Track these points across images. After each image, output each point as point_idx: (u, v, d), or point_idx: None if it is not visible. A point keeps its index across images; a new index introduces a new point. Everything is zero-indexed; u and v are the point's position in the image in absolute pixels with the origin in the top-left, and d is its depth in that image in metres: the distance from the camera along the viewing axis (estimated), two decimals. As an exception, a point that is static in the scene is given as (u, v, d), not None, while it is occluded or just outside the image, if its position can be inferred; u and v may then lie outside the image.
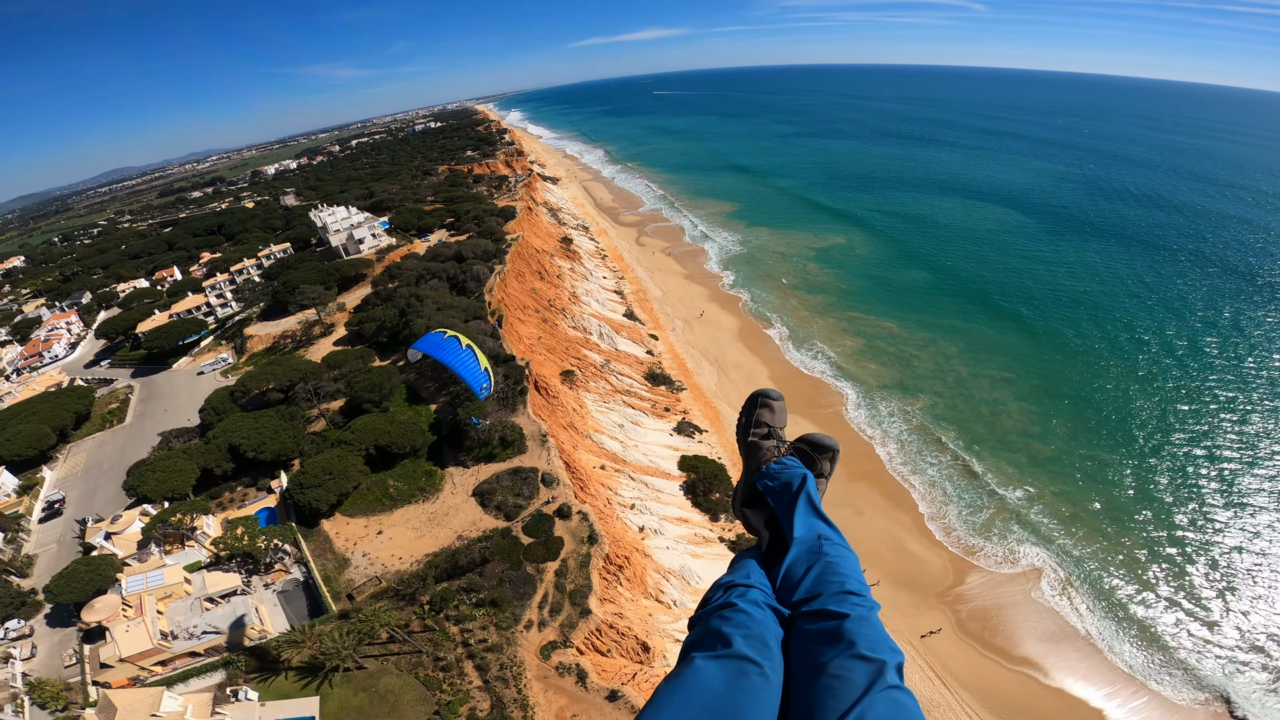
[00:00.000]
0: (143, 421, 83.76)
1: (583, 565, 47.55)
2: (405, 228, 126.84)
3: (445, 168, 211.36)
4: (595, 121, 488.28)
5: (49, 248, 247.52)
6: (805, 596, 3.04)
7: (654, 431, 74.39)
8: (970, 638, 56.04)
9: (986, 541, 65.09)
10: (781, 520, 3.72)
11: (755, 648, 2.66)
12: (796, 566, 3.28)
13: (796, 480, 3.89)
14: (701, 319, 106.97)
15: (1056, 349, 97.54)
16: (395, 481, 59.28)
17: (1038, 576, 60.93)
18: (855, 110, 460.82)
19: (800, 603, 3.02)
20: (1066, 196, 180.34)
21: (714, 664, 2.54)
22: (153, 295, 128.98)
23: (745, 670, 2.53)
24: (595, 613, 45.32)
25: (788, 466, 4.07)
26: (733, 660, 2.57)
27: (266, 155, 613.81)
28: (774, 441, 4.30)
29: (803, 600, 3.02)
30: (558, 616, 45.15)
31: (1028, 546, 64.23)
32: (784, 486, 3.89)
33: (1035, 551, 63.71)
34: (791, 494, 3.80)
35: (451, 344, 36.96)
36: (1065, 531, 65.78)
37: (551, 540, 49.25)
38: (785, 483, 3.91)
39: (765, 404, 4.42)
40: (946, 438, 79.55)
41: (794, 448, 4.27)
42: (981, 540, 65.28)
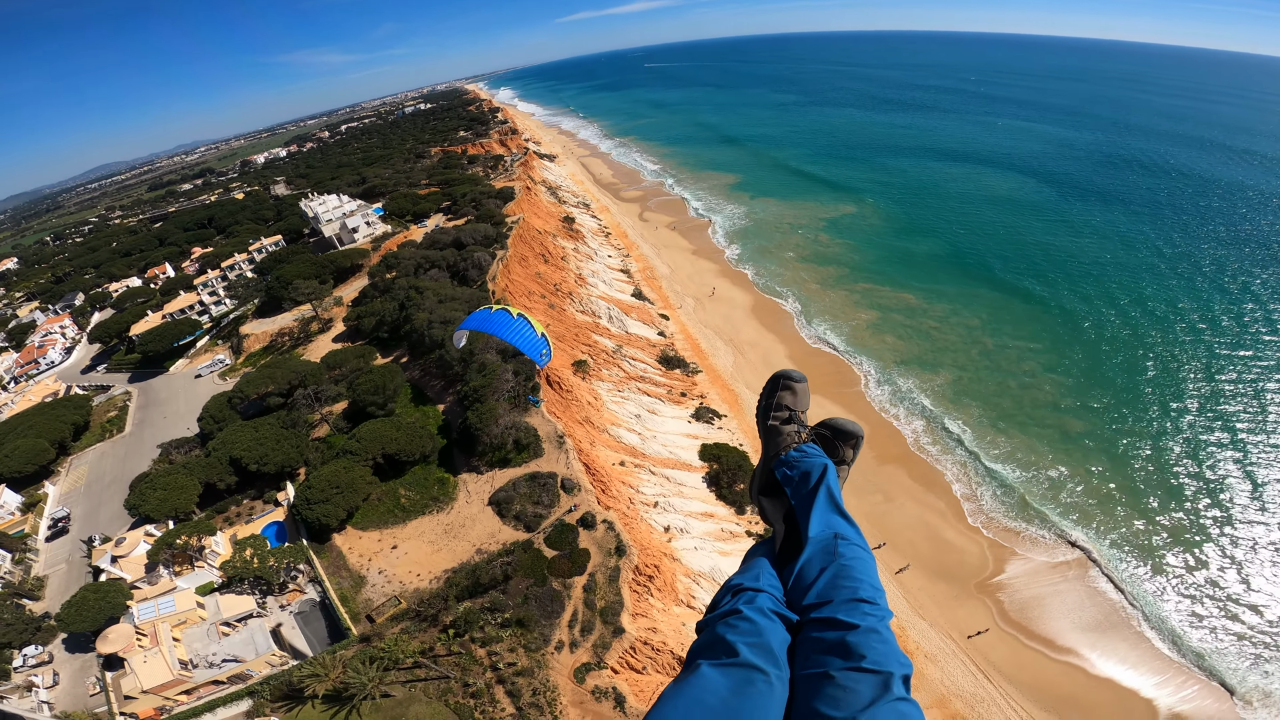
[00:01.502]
0: (142, 430, 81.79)
1: (612, 580, 44.41)
2: (400, 214, 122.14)
3: (438, 149, 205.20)
4: (587, 97, 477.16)
5: (41, 248, 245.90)
6: (816, 601, 2.95)
7: (671, 419, 70.95)
8: (1013, 629, 53.26)
9: (1025, 525, 61.85)
10: (798, 515, 3.54)
11: (761, 656, 2.63)
12: (810, 567, 3.16)
13: (816, 471, 3.70)
14: (713, 297, 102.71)
15: (1085, 317, 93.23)
16: (407, 491, 56.14)
17: (1081, 561, 57.90)
18: (852, 78, 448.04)
19: (810, 607, 2.95)
20: (1076, 162, 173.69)
21: (719, 671, 2.53)
22: (145, 294, 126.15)
23: (751, 678, 2.51)
24: (629, 630, 42.33)
25: (808, 455, 3.87)
26: (738, 668, 2.55)
27: (255, 144, 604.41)
28: (795, 426, 4.09)
29: (813, 605, 2.95)
30: (589, 636, 42.15)
31: (1068, 529, 60.94)
32: (803, 477, 3.71)
33: (1076, 534, 60.44)
34: (810, 486, 3.62)
35: (502, 316, 34.77)
36: (1106, 512, 62.43)
37: (577, 553, 46.07)
38: (804, 472, 3.73)
39: (787, 386, 4.18)
40: (975, 414, 75.80)
41: (815, 433, 4.07)
42: (1019, 524, 62.06)
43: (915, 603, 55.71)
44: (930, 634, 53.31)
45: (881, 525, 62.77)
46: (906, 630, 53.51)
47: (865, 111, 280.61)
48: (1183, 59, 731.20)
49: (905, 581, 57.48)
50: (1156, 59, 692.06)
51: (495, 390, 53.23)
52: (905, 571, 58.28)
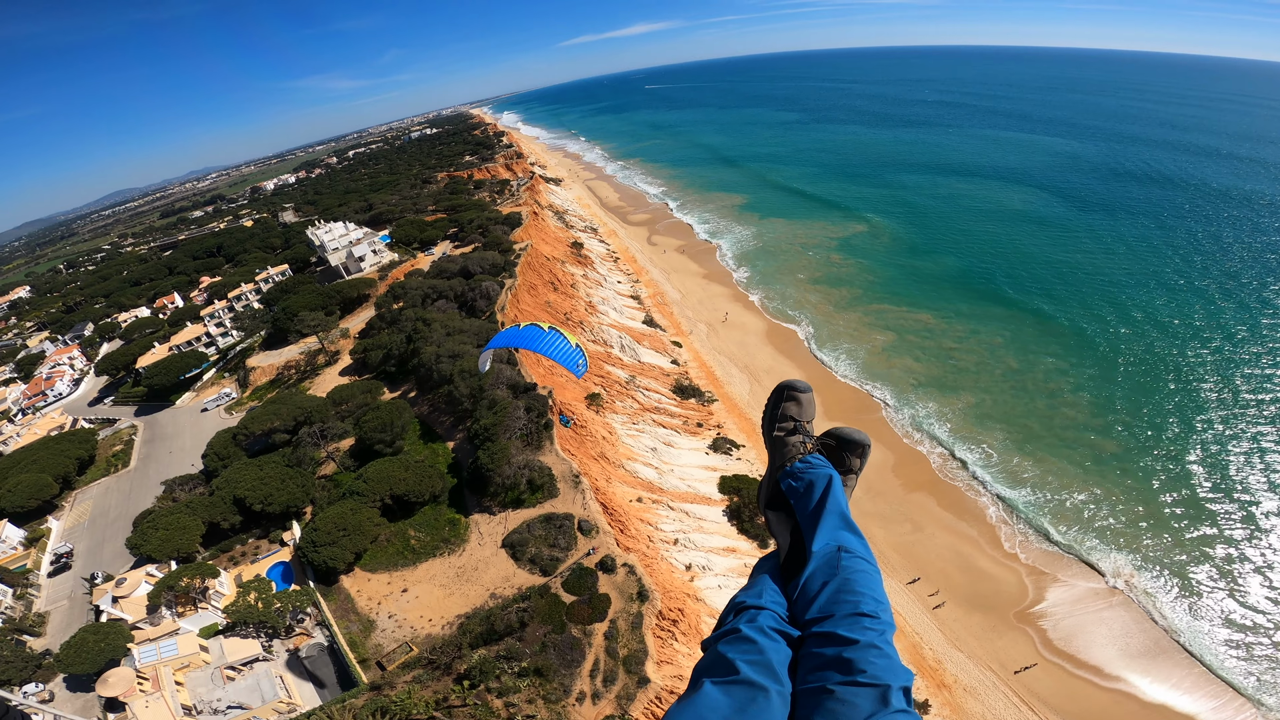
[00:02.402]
0: (147, 465, 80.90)
1: (635, 626, 42.06)
2: (407, 241, 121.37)
3: (444, 174, 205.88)
4: (591, 120, 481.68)
5: (54, 276, 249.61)
6: (818, 616, 2.99)
7: (689, 451, 68.77)
8: (1058, 657, 50.82)
9: (1063, 550, 59.34)
10: (803, 528, 3.55)
11: (762, 673, 2.66)
12: (813, 581, 3.18)
13: (821, 482, 3.70)
14: (726, 322, 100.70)
15: (1109, 334, 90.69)
16: (416, 532, 54.12)
17: (1124, 585, 55.51)
18: (853, 95, 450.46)
19: (812, 622, 2.98)
20: (1084, 175, 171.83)
21: (721, 690, 2.57)
22: (154, 325, 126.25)
23: (753, 696, 2.55)
24: (654, 680, 39.92)
25: (813, 465, 3.85)
26: (740, 686, 2.59)
27: (265, 170, 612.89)
28: (800, 437, 4.05)
29: (815, 620, 2.98)
30: (612, 687, 39.74)
31: (1108, 553, 58.38)
32: (808, 488, 3.71)
33: (1117, 558, 57.87)
34: (816, 498, 3.62)
35: (533, 331, 33.51)
36: (1148, 534, 59.85)
37: (596, 598, 43.77)
38: (809, 483, 3.73)
39: (791, 396, 4.16)
40: (1000, 438, 73.21)
41: (821, 443, 4.01)
42: (1057, 549, 59.57)
43: (951, 635, 53.38)
44: (968, 666, 51.07)
45: (911, 556, 60.45)
46: (944, 663, 51.34)
47: (869, 128, 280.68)
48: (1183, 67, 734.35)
49: (939, 613, 55.13)
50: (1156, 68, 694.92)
51: (507, 428, 51.29)
52: (927, 592, 56.32)
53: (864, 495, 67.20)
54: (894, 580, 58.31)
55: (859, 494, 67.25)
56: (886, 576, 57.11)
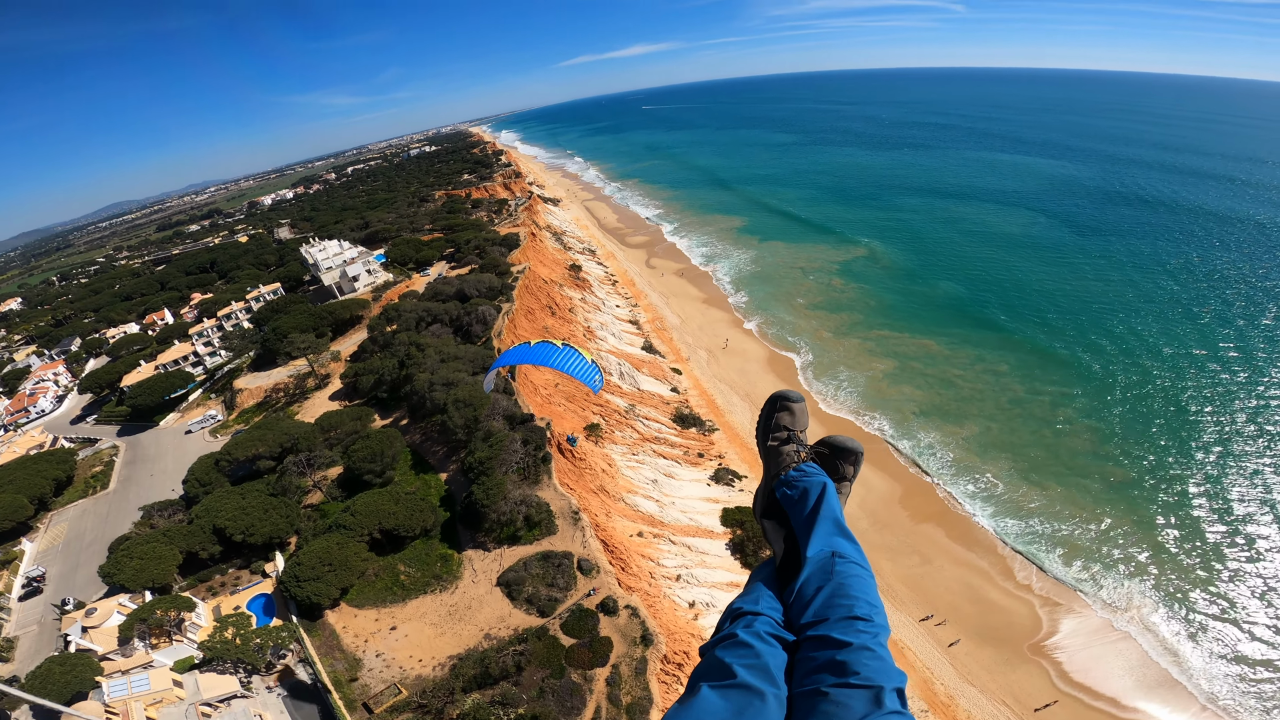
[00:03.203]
0: (127, 488, 78.28)
1: (639, 672, 39.65)
2: (403, 261, 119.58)
3: (442, 193, 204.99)
4: (589, 140, 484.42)
5: (46, 288, 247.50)
6: (813, 620, 3.03)
7: (690, 483, 66.59)
8: (1075, 689, 49.63)
9: (1075, 581, 58.04)
10: (798, 535, 3.59)
11: (759, 677, 2.71)
12: (808, 587, 3.23)
13: (815, 490, 3.74)
14: (726, 348, 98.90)
15: (1112, 360, 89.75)
16: (406, 567, 51.59)
17: (1137, 616, 54.30)
18: (849, 117, 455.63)
19: (807, 626, 3.02)
20: (1082, 198, 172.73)
21: (718, 694, 2.61)
22: (142, 342, 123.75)
23: (749, 699, 2.60)
24: (656, 734, 37.53)
25: (807, 474, 3.91)
26: (736, 690, 2.64)
27: (264, 185, 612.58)
28: (794, 446, 4.12)
29: (810, 624, 3.02)
30: (613, 741, 37.31)
31: (1120, 582, 57.30)
32: (802, 496, 3.75)
33: (1130, 587, 56.78)
34: (810, 506, 3.67)
35: (546, 348, 31.87)
36: (1157, 563, 58.84)
37: (598, 641, 41.36)
38: (804, 491, 3.77)
39: (785, 407, 4.22)
40: (1006, 466, 71.87)
41: (815, 452, 4.10)
42: (1068, 580, 58.28)
43: (963, 669, 51.74)
44: (982, 702, 49.58)
45: (920, 589, 58.84)
46: (956, 699, 49.72)
47: (866, 151, 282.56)
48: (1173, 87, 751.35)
49: (951, 648, 53.51)
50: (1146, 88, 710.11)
51: (503, 462, 49.06)
52: (937, 629, 54.89)
53: (870, 528, 65.63)
54: (903, 615, 56.55)
55: (865, 525, 65.61)
56: (895, 611, 56.10)
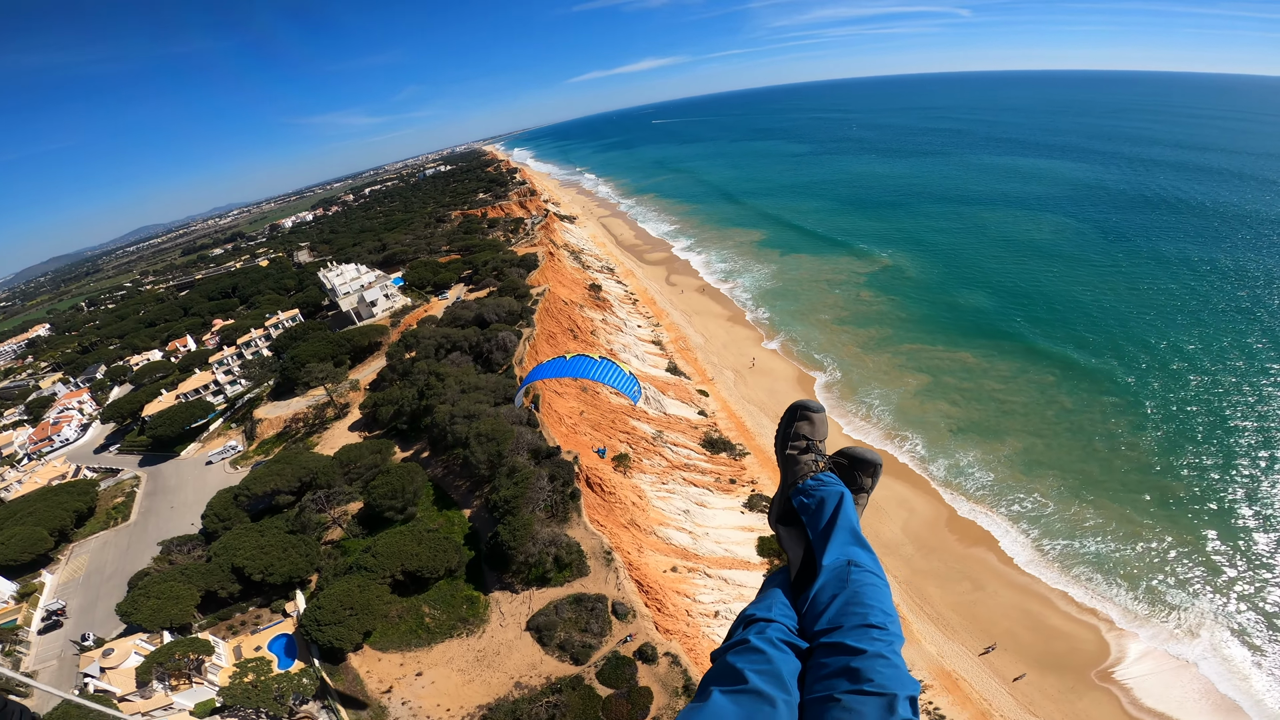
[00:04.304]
0: (147, 520, 77.64)
1: (679, 734, 36.74)
2: (420, 285, 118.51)
3: (458, 212, 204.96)
4: (601, 156, 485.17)
5: (74, 314, 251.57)
6: (827, 627, 3.02)
7: (723, 511, 63.68)
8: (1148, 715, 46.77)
9: (1140, 604, 54.60)
10: (814, 543, 3.58)
11: (770, 683, 2.70)
12: (823, 594, 3.21)
13: (833, 499, 3.74)
14: (753, 368, 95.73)
15: (1159, 369, 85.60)
16: (431, 609, 49.27)
17: (1207, 639, 50.87)
18: (862, 126, 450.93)
19: (821, 633, 3.01)
20: (1112, 203, 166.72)
21: (730, 699, 2.61)
22: (164, 369, 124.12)
23: (760, 705, 2.60)
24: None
25: (825, 483, 3.90)
26: (747, 695, 2.63)
27: (284, 208, 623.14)
28: (812, 455, 4.11)
29: (824, 631, 3.01)
30: (654, 809, 34.39)
31: (1188, 603, 53.83)
32: (819, 505, 3.75)
33: (1198, 608, 53.27)
34: (827, 515, 3.66)
35: (582, 360, 30.66)
36: (1223, 582, 55.20)
37: (636, 692, 38.61)
38: (821, 500, 3.77)
39: (804, 416, 4.21)
40: (1057, 485, 68.09)
41: (833, 462, 4.08)
42: (1133, 603, 54.81)
43: (1025, 700, 48.65)
44: None
45: (972, 616, 55.65)
46: None
47: (881, 159, 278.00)
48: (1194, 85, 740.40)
49: (1007, 674, 50.50)
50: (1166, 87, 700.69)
51: (529, 500, 46.64)
52: (996, 658, 51.87)
53: (917, 553, 62.68)
54: (956, 645, 53.46)
55: (910, 551, 62.83)
56: (948, 640, 53.58)
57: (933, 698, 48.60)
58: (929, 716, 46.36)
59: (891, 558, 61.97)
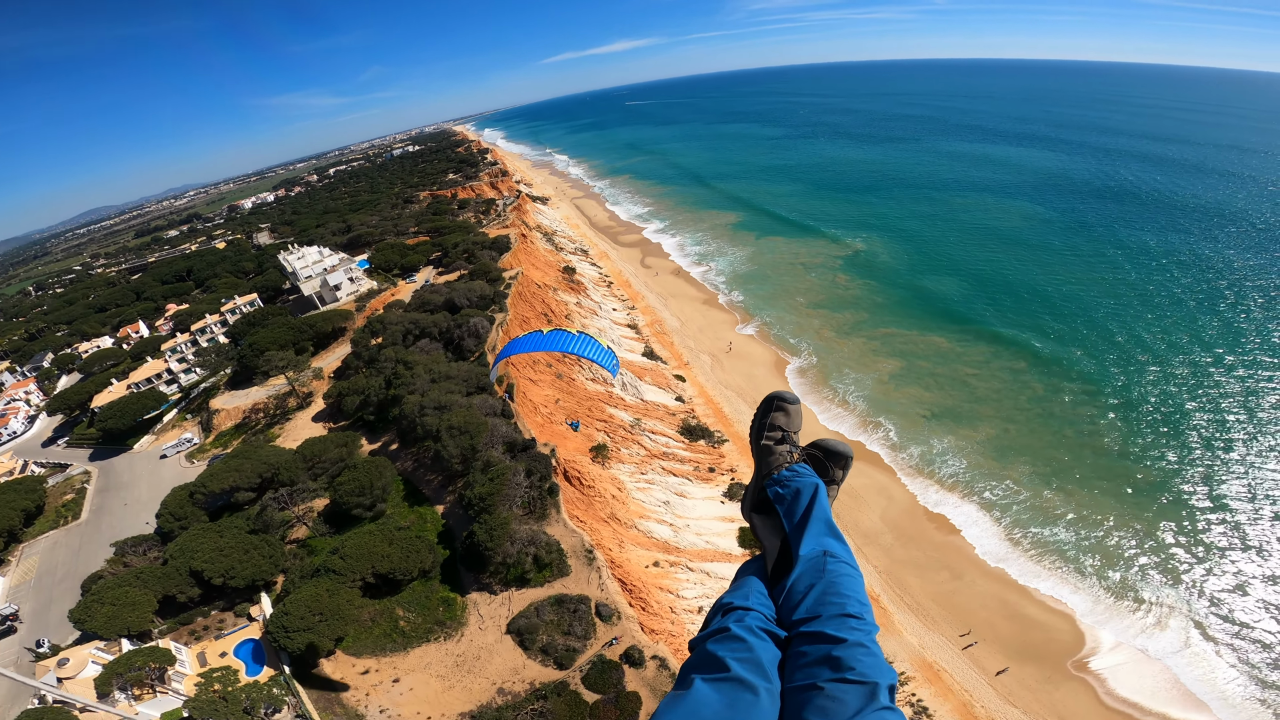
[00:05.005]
0: (99, 518, 73.84)
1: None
2: (387, 268, 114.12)
3: (427, 193, 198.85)
4: (575, 137, 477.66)
5: (21, 299, 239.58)
6: (805, 616, 3.05)
7: (703, 501, 62.43)
8: (1123, 705, 47.31)
9: (1111, 595, 55.07)
10: (789, 533, 3.62)
11: (752, 671, 2.72)
12: (799, 584, 3.24)
13: (808, 491, 3.77)
14: (730, 352, 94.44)
15: (1135, 354, 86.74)
16: (405, 611, 47.08)
17: (1182, 626, 51.79)
18: (835, 110, 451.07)
19: (799, 622, 3.04)
20: (1079, 192, 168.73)
21: (712, 686, 2.63)
22: (115, 357, 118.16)
23: (743, 693, 2.61)
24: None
25: (799, 474, 3.93)
26: (729, 683, 2.65)
27: (244, 189, 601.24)
28: (787, 446, 4.13)
29: (802, 620, 3.04)
30: (641, 819, 33.18)
31: (1160, 591, 54.53)
32: (795, 496, 3.78)
33: (1165, 597, 54.06)
34: (803, 506, 3.70)
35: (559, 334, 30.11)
36: (1199, 568, 56.15)
37: (624, 698, 37.22)
38: (796, 491, 3.80)
39: (780, 407, 4.22)
40: (1029, 471, 68.37)
41: (807, 454, 4.12)
42: (1104, 594, 55.25)
43: (1005, 690, 48.81)
44: None
45: (952, 606, 55.61)
46: None
47: (855, 144, 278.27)
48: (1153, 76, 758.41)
49: (987, 665, 50.44)
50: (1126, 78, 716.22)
51: (505, 498, 44.49)
52: (975, 648, 51.87)
53: (896, 542, 62.37)
54: (937, 635, 53.27)
55: (889, 540, 62.54)
56: (928, 631, 53.49)
57: (915, 689, 48.26)
58: (912, 709, 45.99)
59: (871, 547, 61.67)
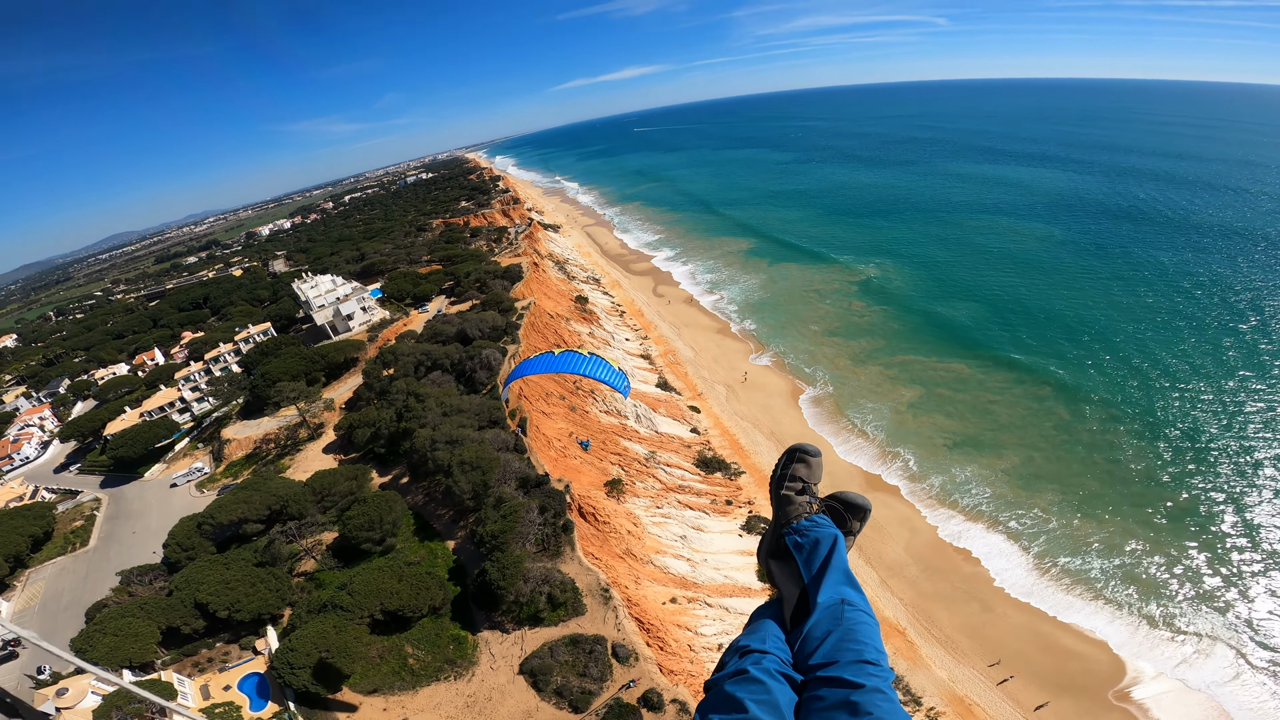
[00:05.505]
0: (108, 545, 73.39)
1: (689, 791, 33.84)
2: (400, 296, 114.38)
3: (440, 221, 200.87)
4: (585, 164, 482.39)
5: (41, 324, 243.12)
6: (823, 661, 3.04)
7: (720, 535, 60.78)
8: None
9: (1150, 623, 52.95)
10: (808, 581, 3.61)
11: (769, 713, 2.73)
12: (817, 630, 3.24)
13: (826, 541, 3.79)
14: (745, 382, 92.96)
15: (1165, 376, 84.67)
16: (415, 649, 45.74)
17: (1226, 655, 49.58)
18: (843, 135, 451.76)
19: (817, 667, 3.02)
20: (1093, 210, 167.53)
21: None
22: (130, 384, 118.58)
23: None
24: None
25: (819, 524, 3.96)
26: None
27: (262, 215, 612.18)
28: (807, 497, 4.17)
29: (820, 665, 3.03)
30: None
31: (1199, 620, 52.30)
32: (814, 545, 3.79)
33: (1208, 623, 51.88)
34: (822, 555, 3.70)
35: (570, 356, 31.92)
36: (1235, 594, 54.01)
37: (641, 747, 35.56)
38: (815, 541, 3.82)
39: (801, 459, 4.28)
40: (1058, 499, 66.28)
41: (826, 505, 4.17)
42: (1143, 622, 53.14)
43: None
44: None
45: (983, 638, 53.67)
46: None
47: (865, 168, 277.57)
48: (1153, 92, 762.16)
49: (1024, 700, 48.29)
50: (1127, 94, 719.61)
51: (519, 535, 43.33)
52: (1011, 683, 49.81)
53: (922, 575, 60.42)
54: (967, 669, 51.32)
55: (915, 573, 60.79)
56: (958, 664, 51.86)
57: (946, 726, 46.19)
58: (943, 748, 43.86)
59: (896, 579, 59.85)
